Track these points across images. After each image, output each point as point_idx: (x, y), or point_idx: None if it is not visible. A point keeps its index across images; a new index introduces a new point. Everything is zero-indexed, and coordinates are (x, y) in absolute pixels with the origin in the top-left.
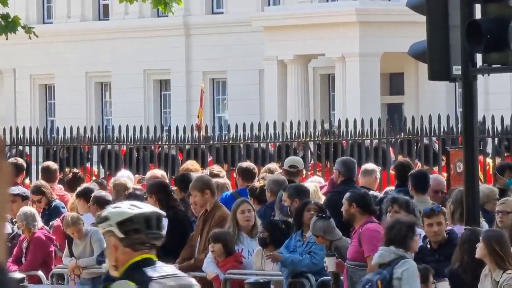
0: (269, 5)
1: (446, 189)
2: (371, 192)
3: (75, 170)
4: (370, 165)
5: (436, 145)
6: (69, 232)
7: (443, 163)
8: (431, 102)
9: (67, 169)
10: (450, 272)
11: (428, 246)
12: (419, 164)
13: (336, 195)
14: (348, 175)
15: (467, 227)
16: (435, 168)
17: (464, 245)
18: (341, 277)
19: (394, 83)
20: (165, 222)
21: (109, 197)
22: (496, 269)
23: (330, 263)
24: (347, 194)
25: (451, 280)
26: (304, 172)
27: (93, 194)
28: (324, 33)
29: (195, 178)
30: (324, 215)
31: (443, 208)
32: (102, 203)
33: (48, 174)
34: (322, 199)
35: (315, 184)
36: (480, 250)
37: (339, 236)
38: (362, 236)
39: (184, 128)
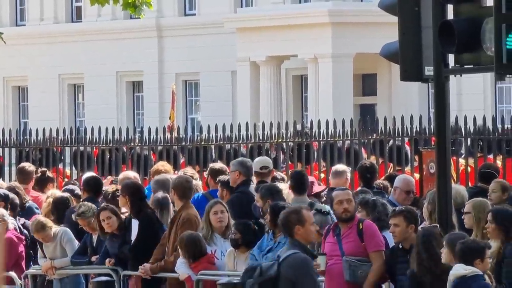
0: (241, 6)
1: (418, 190)
2: None
3: (43, 169)
4: (340, 166)
5: (407, 146)
6: (36, 237)
7: (415, 164)
8: (404, 103)
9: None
10: (409, 274)
11: (400, 246)
12: (391, 165)
13: (239, 196)
14: (248, 176)
15: (423, 226)
16: (407, 169)
17: (419, 246)
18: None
19: (367, 84)
20: (135, 224)
21: (17, 200)
22: None
23: (322, 262)
24: (350, 192)
25: (411, 282)
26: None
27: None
28: (297, 34)
29: (175, 178)
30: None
31: (406, 210)
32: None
33: (23, 175)
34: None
35: (287, 186)
36: (445, 255)
37: None
38: (365, 232)
39: (156, 129)
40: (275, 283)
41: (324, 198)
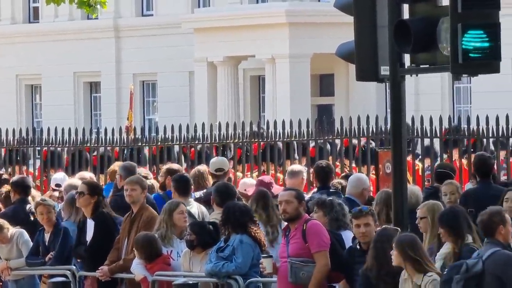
0: (199, 6)
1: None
2: None
3: None
4: (296, 166)
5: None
6: None
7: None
8: (362, 103)
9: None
10: (361, 272)
11: (358, 247)
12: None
13: (117, 200)
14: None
15: (383, 227)
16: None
17: (373, 245)
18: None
19: (324, 84)
20: (90, 224)
21: None
22: (416, 273)
23: (268, 265)
24: (295, 193)
25: (361, 279)
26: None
27: None
28: (254, 34)
29: (137, 176)
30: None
31: (371, 209)
32: None
33: None
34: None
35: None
36: (395, 258)
37: None
38: (308, 233)
39: (113, 130)
40: (480, 280)
41: None
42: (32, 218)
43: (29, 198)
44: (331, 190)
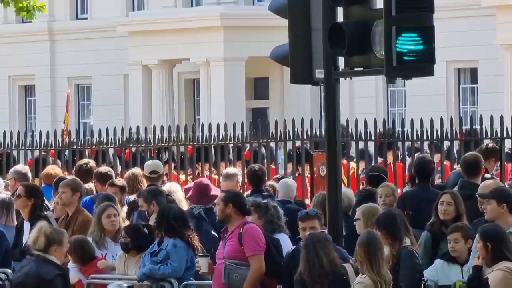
0: (133, 10)
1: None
2: None
3: None
4: (231, 169)
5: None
6: None
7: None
8: (297, 106)
9: None
10: (296, 279)
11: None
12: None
13: None
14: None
15: (311, 232)
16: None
17: (304, 248)
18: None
19: (259, 87)
20: (27, 226)
21: None
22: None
23: (203, 264)
24: (223, 195)
25: (298, 286)
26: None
27: None
28: (189, 38)
29: (70, 179)
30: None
31: (319, 212)
32: None
33: None
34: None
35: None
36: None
37: None
38: (244, 236)
39: (48, 133)
40: None
41: None
42: None
43: None
44: (264, 193)
